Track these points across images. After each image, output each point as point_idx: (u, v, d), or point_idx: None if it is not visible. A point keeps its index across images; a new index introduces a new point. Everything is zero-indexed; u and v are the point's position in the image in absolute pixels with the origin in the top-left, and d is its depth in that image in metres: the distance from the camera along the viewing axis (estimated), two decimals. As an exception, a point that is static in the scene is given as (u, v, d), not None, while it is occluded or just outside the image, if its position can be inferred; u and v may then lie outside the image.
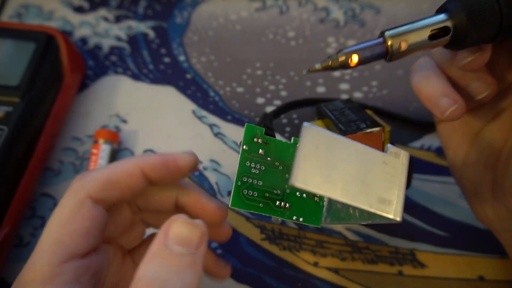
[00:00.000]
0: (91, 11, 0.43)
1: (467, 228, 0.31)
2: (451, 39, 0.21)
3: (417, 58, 0.26)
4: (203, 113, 0.37)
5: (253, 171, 0.23)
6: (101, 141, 0.33)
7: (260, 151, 0.23)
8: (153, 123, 0.36)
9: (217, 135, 0.35)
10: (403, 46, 0.21)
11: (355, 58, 0.21)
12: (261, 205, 0.23)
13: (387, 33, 0.21)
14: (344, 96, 0.38)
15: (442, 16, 0.21)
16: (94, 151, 0.32)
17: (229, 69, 0.39)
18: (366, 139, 0.26)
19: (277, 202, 0.23)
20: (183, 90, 0.38)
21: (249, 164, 0.23)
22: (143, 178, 0.21)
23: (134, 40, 0.41)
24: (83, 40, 0.41)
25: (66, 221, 0.19)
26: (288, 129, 0.36)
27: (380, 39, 0.21)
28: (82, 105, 0.37)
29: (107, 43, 0.41)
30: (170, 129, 0.36)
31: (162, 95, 0.38)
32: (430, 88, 0.23)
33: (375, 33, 0.41)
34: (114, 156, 0.33)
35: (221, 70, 0.39)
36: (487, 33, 0.20)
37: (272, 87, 0.38)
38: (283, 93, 0.38)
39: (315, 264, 0.30)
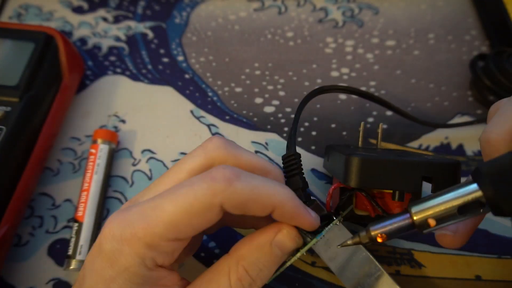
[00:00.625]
0: (90, 12, 0.43)
1: (464, 228, 0.31)
2: (487, 210, 0.19)
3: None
4: (202, 113, 0.37)
5: None
6: (99, 141, 0.33)
7: None
8: (152, 123, 0.36)
9: (216, 135, 0.35)
10: (431, 223, 0.20)
11: (383, 235, 0.21)
12: None
13: (413, 209, 0.20)
14: (343, 96, 0.38)
15: (473, 187, 0.19)
16: (93, 151, 0.32)
17: (227, 69, 0.39)
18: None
19: None
20: (181, 90, 0.38)
21: None
22: (268, 213, 0.21)
23: (133, 40, 0.41)
24: (82, 40, 0.41)
25: (190, 213, 0.19)
26: (286, 129, 0.36)
27: (407, 215, 0.21)
28: (81, 105, 0.37)
29: (106, 43, 0.41)
30: (169, 129, 0.36)
31: (161, 95, 0.38)
32: None
33: (373, 33, 0.41)
34: (112, 156, 0.33)
35: (219, 70, 0.39)
36: None
37: (270, 87, 0.38)
38: (281, 93, 0.38)
39: (313, 264, 0.30)
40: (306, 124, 0.36)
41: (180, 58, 0.40)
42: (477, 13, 0.42)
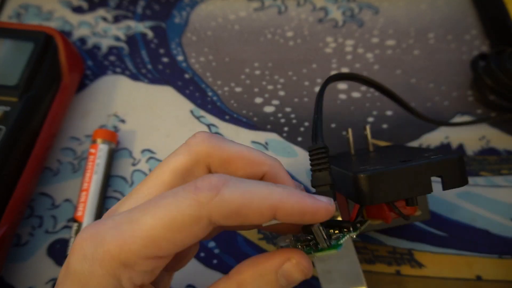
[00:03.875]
0: (90, 11, 0.43)
1: (465, 228, 0.31)
2: None
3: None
4: (201, 113, 0.37)
5: None
6: (99, 140, 0.33)
7: None
8: (152, 122, 0.36)
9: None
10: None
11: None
12: None
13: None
14: (342, 96, 0.38)
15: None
16: (92, 150, 0.32)
17: (227, 69, 0.39)
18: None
19: None
20: (181, 90, 0.38)
21: None
22: (270, 218, 0.18)
23: (132, 40, 0.41)
24: (82, 40, 0.41)
25: (173, 228, 0.17)
26: (286, 128, 0.36)
27: None
28: (81, 105, 0.37)
29: (105, 43, 0.41)
30: (169, 129, 0.36)
31: (161, 95, 0.38)
32: None
33: (373, 33, 0.41)
34: (111, 156, 0.33)
35: (219, 70, 0.39)
36: None
37: (270, 87, 0.38)
38: (281, 93, 0.38)
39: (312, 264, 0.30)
40: (306, 124, 0.36)
41: (180, 58, 0.40)
42: (477, 13, 0.42)
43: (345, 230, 0.22)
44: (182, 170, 0.20)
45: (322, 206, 0.19)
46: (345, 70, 0.39)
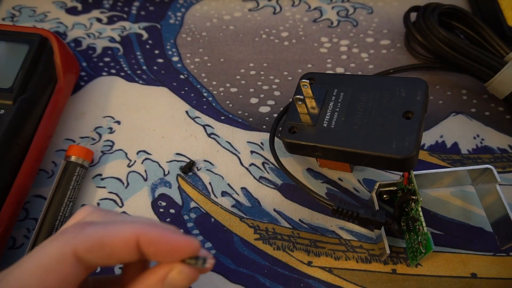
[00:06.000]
0: (84, 13, 0.43)
1: (460, 226, 0.31)
2: None
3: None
4: (197, 113, 0.37)
5: None
6: (73, 158, 0.32)
7: None
8: (147, 123, 0.36)
9: (211, 135, 0.35)
10: None
11: None
12: None
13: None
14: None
15: None
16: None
17: (222, 70, 0.39)
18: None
19: None
20: (176, 90, 0.38)
21: None
22: (135, 250, 0.19)
23: (127, 41, 0.41)
24: (76, 42, 0.41)
25: (40, 271, 0.18)
26: (281, 129, 0.36)
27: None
28: (76, 107, 0.37)
29: (100, 44, 0.41)
30: (164, 129, 0.36)
31: (156, 95, 0.38)
32: None
33: (368, 33, 0.42)
34: (81, 175, 0.32)
35: (214, 70, 0.39)
36: None
37: (265, 87, 0.38)
38: (277, 93, 0.38)
39: (309, 264, 0.30)
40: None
41: (175, 58, 0.40)
42: (471, 10, 0.42)
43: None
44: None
45: (186, 240, 0.19)
46: (340, 70, 0.39)
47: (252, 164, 0.34)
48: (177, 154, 0.35)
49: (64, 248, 0.18)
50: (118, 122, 0.36)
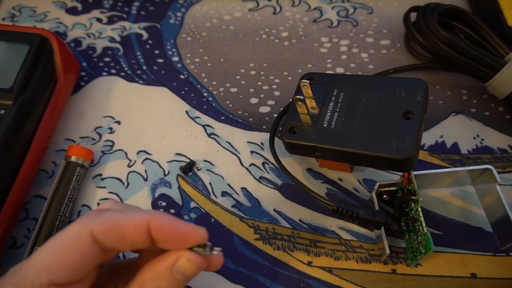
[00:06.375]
0: (84, 13, 0.43)
1: (459, 226, 0.31)
2: None
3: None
4: (197, 113, 0.37)
5: None
6: (73, 158, 0.32)
7: None
8: (147, 123, 0.36)
9: (211, 135, 0.35)
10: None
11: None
12: None
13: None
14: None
15: None
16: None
17: (222, 70, 0.39)
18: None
19: None
20: (176, 90, 0.38)
21: None
22: (147, 235, 0.20)
23: (127, 41, 0.41)
24: (76, 42, 0.41)
25: (61, 249, 0.20)
26: (281, 129, 0.36)
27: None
28: (76, 106, 0.37)
29: (100, 44, 0.41)
30: (164, 130, 0.36)
31: (156, 95, 0.38)
32: None
33: (368, 33, 0.42)
34: (81, 175, 0.32)
35: (214, 70, 0.39)
36: None
37: (265, 87, 0.38)
38: (277, 93, 0.38)
39: (309, 264, 0.30)
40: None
41: (175, 58, 0.40)
42: (471, 10, 0.42)
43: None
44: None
45: (194, 228, 0.21)
46: (340, 70, 0.39)
47: (252, 164, 0.34)
48: (177, 154, 0.35)
49: (83, 229, 0.20)
50: (118, 122, 0.36)
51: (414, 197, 0.28)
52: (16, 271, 0.20)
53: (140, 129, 0.36)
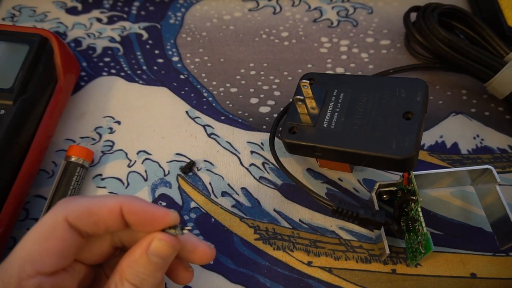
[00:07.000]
0: (84, 13, 0.43)
1: (459, 226, 0.31)
2: None
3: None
4: (197, 113, 0.37)
5: None
6: (73, 158, 0.32)
7: None
8: (147, 124, 0.36)
9: (211, 135, 0.35)
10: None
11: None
12: None
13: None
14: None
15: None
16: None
17: (222, 70, 0.39)
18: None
19: None
20: (176, 90, 0.38)
21: None
22: (120, 218, 0.22)
23: (127, 41, 0.41)
24: (77, 42, 0.41)
25: (40, 238, 0.20)
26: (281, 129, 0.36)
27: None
28: (76, 107, 0.37)
29: (100, 44, 0.41)
30: (164, 130, 0.36)
31: (156, 95, 0.38)
32: None
33: (368, 33, 0.42)
34: (81, 175, 0.32)
35: (214, 70, 0.39)
36: None
37: (265, 87, 0.38)
38: (277, 93, 0.38)
39: (309, 264, 0.30)
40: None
41: (175, 58, 0.40)
42: (471, 10, 0.42)
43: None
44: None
45: (165, 210, 0.22)
46: (340, 70, 0.39)
47: (252, 164, 0.34)
48: (177, 154, 0.35)
49: (57, 216, 0.21)
50: (118, 122, 0.36)
51: (414, 197, 0.28)
52: (1, 268, 0.20)
53: (140, 129, 0.36)
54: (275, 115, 0.37)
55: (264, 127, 0.36)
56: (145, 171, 0.34)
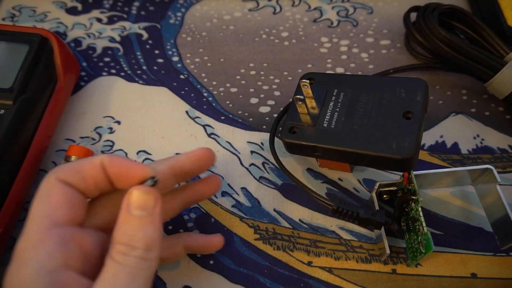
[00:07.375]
0: (84, 13, 0.43)
1: (460, 226, 0.31)
2: None
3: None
4: (197, 113, 0.37)
5: None
6: (73, 158, 0.32)
7: None
8: (147, 123, 0.36)
9: (211, 135, 0.35)
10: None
11: None
12: None
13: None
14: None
15: None
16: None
17: (222, 70, 0.39)
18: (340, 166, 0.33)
19: None
20: (176, 90, 0.38)
21: None
22: (102, 172, 0.23)
23: (127, 41, 0.41)
24: (77, 42, 0.41)
25: (45, 198, 0.23)
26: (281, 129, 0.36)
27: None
28: (76, 106, 0.37)
29: (100, 44, 0.41)
30: (164, 130, 0.36)
31: (156, 95, 0.38)
32: None
33: (368, 33, 0.42)
34: None
35: (214, 70, 0.39)
36: None
37: (265, 87, 0.38)
38: (277, 93, 0.38)
39: (309, 264, 0.30)
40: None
41: (175, 58, 0.40)
42: (471, 10, 0.42)
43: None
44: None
45: (140, 165, 0.23)
46: (340, 70, 0.39)
47: (252, 164, 0.34)
48: (177, 154, 0.35)
49: (49, 179, 0.23)
50: (118, 122, 0.36)
51: (414, 197, 0.28)
52: (23, 232, 0.22)
53: (140, 129, 0.36)
54: (275, 115, 0.37)
55: (264, 127, 0.36)
56: (145, 171, 0.34)
